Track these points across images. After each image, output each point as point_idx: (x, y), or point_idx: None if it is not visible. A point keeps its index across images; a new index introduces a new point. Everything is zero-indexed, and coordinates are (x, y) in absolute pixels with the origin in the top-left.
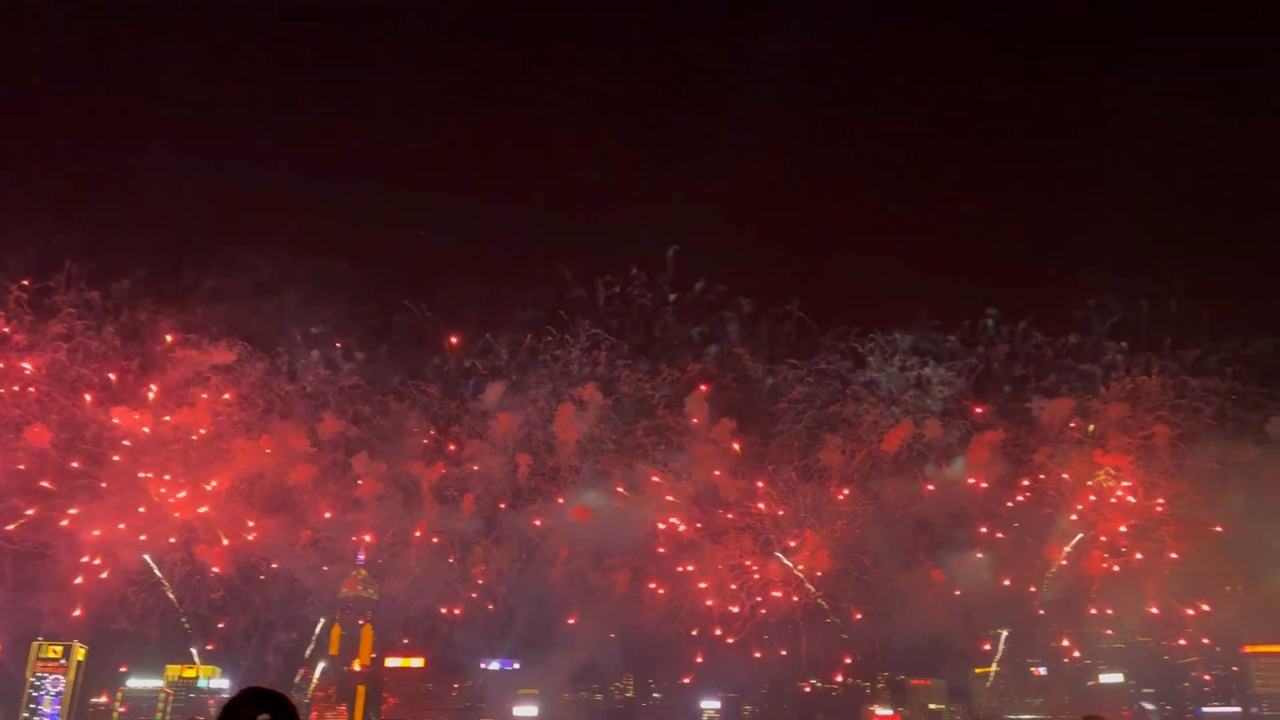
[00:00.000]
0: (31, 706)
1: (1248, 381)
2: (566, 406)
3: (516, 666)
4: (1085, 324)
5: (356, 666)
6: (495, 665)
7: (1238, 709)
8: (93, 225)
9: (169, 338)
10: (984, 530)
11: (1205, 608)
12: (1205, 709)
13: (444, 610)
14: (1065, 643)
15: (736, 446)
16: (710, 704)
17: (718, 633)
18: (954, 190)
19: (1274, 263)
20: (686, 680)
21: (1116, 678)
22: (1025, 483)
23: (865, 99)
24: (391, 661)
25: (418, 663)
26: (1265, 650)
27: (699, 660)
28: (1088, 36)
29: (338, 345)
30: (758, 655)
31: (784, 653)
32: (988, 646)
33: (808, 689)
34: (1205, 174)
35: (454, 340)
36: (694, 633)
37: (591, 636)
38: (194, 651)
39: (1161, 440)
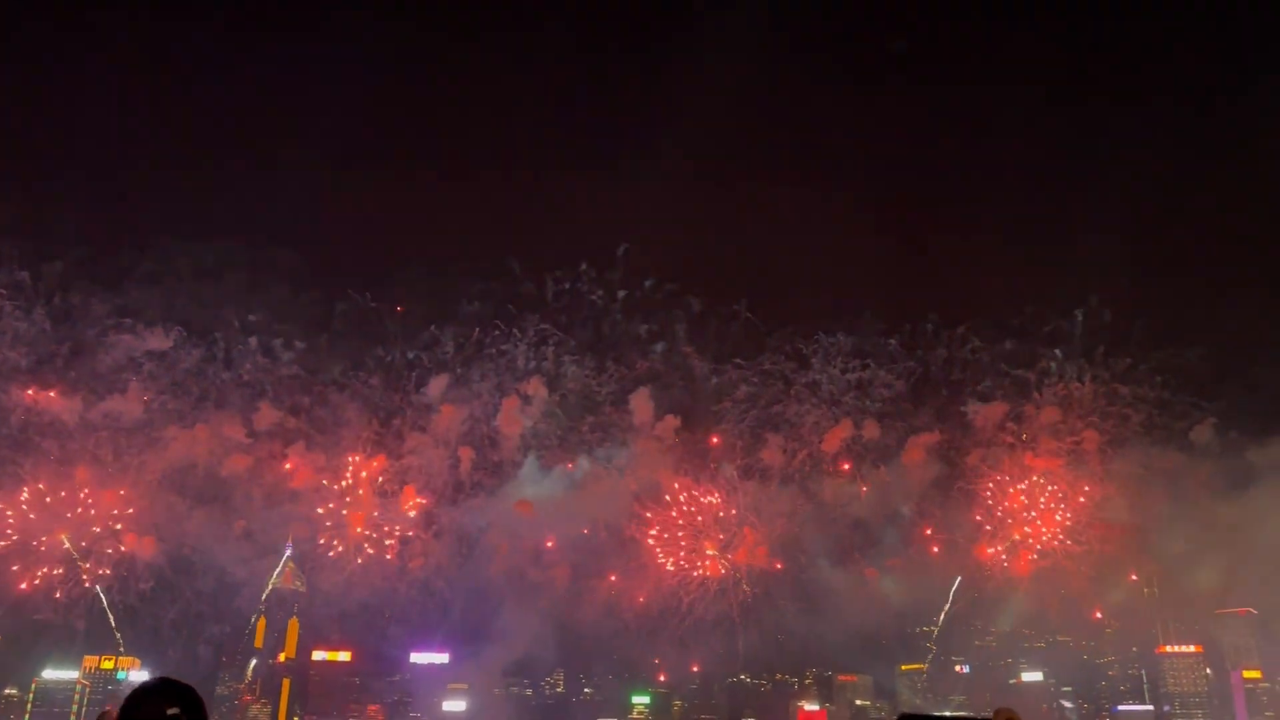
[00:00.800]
0: None
1: (1175, 391)
2: (511, 400)
3: (445, 660)
4: (1021, 331)
5: (282, 659)
6: (424, 659)
7: (1150, 707)
8: (25, 204)
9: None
10: (917, 530)
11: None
12: (1120, 707)
13: (379, 604)
14: (990, 641)
15: (678, 439)
16: (641, 699)
17: (654, 628)
18: (899, 197)
19: (1204, 277)
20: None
21: (1037, 676)
22: (957, 484)
23: (816, 103)
24: (318, 655)
25: (345, 656)
26: (1178, 651)
27: (632, 655)
28: (1035, 50)
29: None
30: (693, 651)
31: (719, 649)
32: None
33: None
34: (1141, 190)
35: (399, 309)
36: (630, 628)
37: (527, 631)
38: (119, 641)
39: (1091, 445)
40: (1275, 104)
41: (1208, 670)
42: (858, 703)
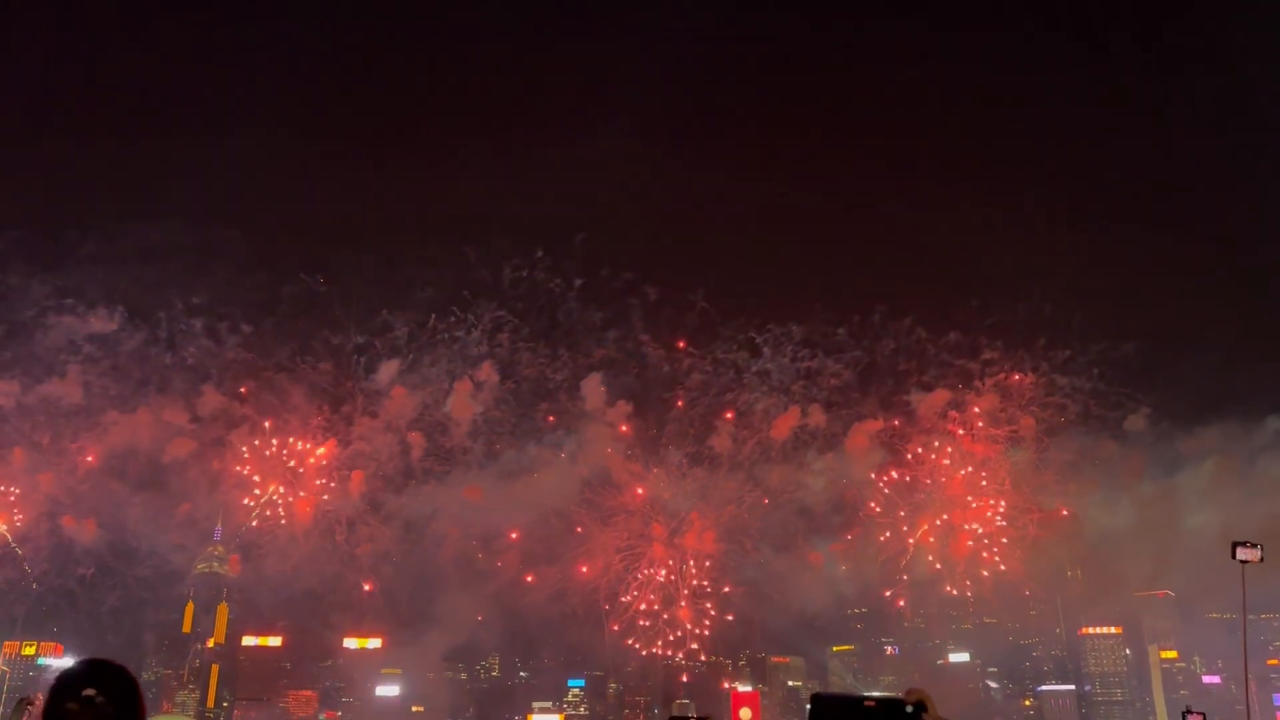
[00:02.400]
0: None
1: (1111, 382)
2: (463, 384)
3: (379, 645)
4: (965, 323)
5: (211, 645)
6: (356, 644)
7: (1071, 687)
8: None
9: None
10: (859, 515)
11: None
12: (1043, 687)
13: (322, 590)
14: (919, 622)
15: (629, 428)
16: (575, 683)
17: (599, 614)
18: (853, 193)
19: (1139, 274)
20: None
21: (964, 657)
22: (899, 471)
23: (773, 96)
24: (248, 640)
25: (275, 641)
26: (1099, 632)
27: (575, 640)
28: (989, 48)
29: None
30: (635, 635)
31: (661, 633)
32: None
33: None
34: (1082, 190)
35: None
36: (577, 613)
37: (471, 617)
38: (55, 627)
39: (1029, 434)
40: (1214, 110)
41: (1127, 651)
42: (790, 684)
